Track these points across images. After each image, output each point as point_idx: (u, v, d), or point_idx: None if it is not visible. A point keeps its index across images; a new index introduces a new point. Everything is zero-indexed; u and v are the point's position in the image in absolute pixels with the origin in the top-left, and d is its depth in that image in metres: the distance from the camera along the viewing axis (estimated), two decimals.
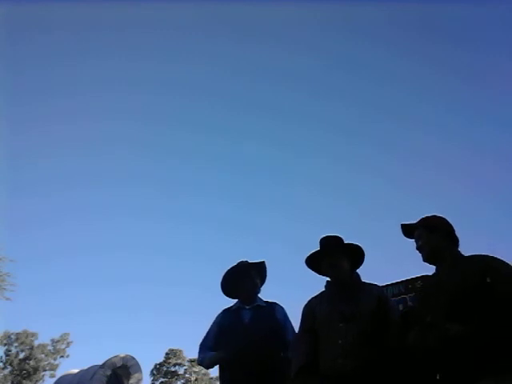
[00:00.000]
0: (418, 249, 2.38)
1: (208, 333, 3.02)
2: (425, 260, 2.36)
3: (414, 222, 2.45)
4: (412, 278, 3.99)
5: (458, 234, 2.37)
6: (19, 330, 31.92)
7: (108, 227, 50.03)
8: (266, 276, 3.14)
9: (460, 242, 2.37)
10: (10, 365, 31.23)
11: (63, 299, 49.32)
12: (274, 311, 2.93)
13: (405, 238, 2.48)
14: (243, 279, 3.01)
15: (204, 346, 2.98)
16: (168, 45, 43.45)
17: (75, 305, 49.70)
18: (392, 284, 4.14)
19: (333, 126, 48.42)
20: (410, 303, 3.87)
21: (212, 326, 3.03)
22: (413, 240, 2.43)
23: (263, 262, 3.11)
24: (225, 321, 2.97)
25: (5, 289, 18.48)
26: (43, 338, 32.59)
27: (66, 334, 32.28)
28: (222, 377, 2.88)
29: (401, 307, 3.87)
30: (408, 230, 2.46)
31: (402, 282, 4.06)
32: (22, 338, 31.96)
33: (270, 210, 49.49)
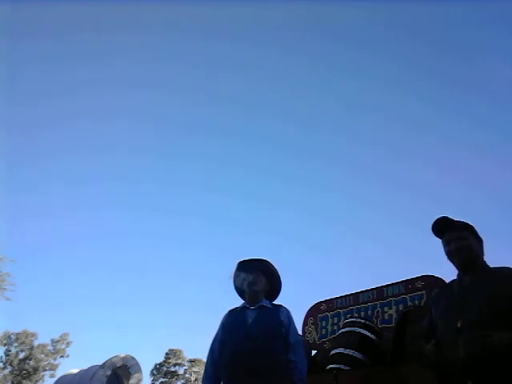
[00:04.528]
0: (456, 248, 2.26)
1: (215, 336, 3.02)
2: (461, 262, 2.26)
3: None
4: (412, 278, 3.99)
5: None
6: (19, 330, 32.00)
7: (109, 229, 50.00)
8: (274, 274, 3.11)
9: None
10: (10, 365, 31.23)
11: (63, 299, 49.33)
12: (278, 313, 2.91)
13: (432, 232, 2.38)
14: (244, 279, 3.02)
15: (209, 361, 2.97)
16: (167, 46, 43.47)
17: (75, 305, 49.73)
18: (392, 284, 4.14)
19: (332, 129, 48.43)
20: (409, 303, 3.87)
21: (218, 328, 3.04)
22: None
23: (263, 260, 3.09)
24: (228, 321, 2.98)
25: (5, 289, 18.52)
26: (43, 338, 32.67)
27: (66, 334, 32.31)
28: (222, 376, 2.89)
29: (401, 307, 3.88)
30: (445, 226, 2.34)
31: (402, 281, 4.06)
32: (22, 338, 31.96)
33: (278, 210, 49.60)
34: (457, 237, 2.28)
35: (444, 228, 2.35)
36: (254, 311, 2.92)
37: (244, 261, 3.11)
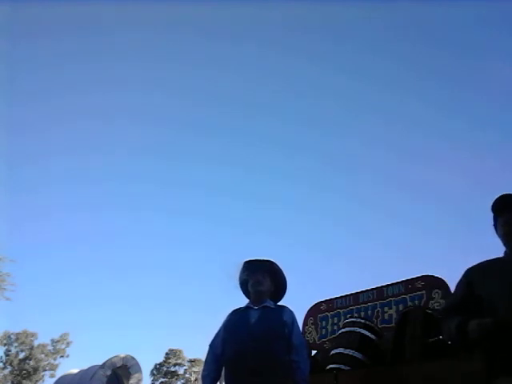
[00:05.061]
0: None
1: (216, 334, 3.02)
2: None
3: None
4: (412, 278, 3.99)
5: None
6: (19, 330, 32.00)
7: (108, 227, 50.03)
8: (279, 275, 3.09)
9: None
10: (10, 365, 31.24)
11: (63, 299, 49.36)
12: (281, 313, 2.90)
13: (493, 208, 2.28)
14: (249, 279, 3.02)
15: (209, 359, 2.95)
16: (168, 46, 43.53)
17: (75, 305, 49.74)
18: (392, 284, 4.14)
19: (333, 129, 48.48)
20: (409, 303, 3.87)
21: (220, 326, 3.03)
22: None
23: (269, 261, 3.07)
24: (231, 321, 2.98)
25: (5, 289, 18.52)
26: (43, 338, 32.68)
27: (66, 334, 32.32)
28: (225, 375, 2.87)
29: (401, 307, 3.88)
30: (508, 204, 2.23)
31: (402, 281, 4.07)
32: (22, 338, 31.96)
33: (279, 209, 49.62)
34: None
35: (507, 206, 2.24)
36: (257, 311, 2.91)
37: (250, 261, 3.11)
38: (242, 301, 3.10)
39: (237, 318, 2.96)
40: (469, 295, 2.18)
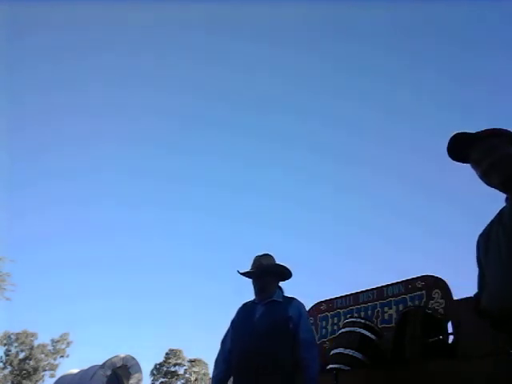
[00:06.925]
0: (489, 166, 1.63)
1: (227, 330, 2.98)
2: (500, 180, 1.62)
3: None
4: (412, 278, 3.99)
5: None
6: (19, 330, 32.00)
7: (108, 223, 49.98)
8: (281, 270, 2.96)
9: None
10: (10, 365, 31.23)
11: (63, 299, 49.36)
12: (287, 307, 2.78)
13: (452, 158, 1.76)
14: (256, 278, 2.93)
15: (219, 359, 2.91)
16: (172, 42, 43.56)
17: (75, 305, 49.73)
18: (392, 284, 4.14)
19: (335, 123, 48.50)
20: (409, 303, 3.87)
21: (231, 322, 2.99)
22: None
23: (262, 266, 2.91)
24: (238, 317, 2.94)
25: (5, 289, 18.54)
26: (43, 338, 32.69)
27: (66, 334, 32.33)
28: (232, 374, 2.83)
29: (401, 307, 3.87)
30: (466, 144, 1.71)
31: (402, 281, 4.07)
32: (22, 338, 31.96)
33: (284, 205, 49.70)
34: (485, 150, 1.66)
35: (466, 147, 1.72)
36: (262, 306, 2.84)
37: (245, 273, 2.97)
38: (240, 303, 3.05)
39: (243, 314, 2.92)
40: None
